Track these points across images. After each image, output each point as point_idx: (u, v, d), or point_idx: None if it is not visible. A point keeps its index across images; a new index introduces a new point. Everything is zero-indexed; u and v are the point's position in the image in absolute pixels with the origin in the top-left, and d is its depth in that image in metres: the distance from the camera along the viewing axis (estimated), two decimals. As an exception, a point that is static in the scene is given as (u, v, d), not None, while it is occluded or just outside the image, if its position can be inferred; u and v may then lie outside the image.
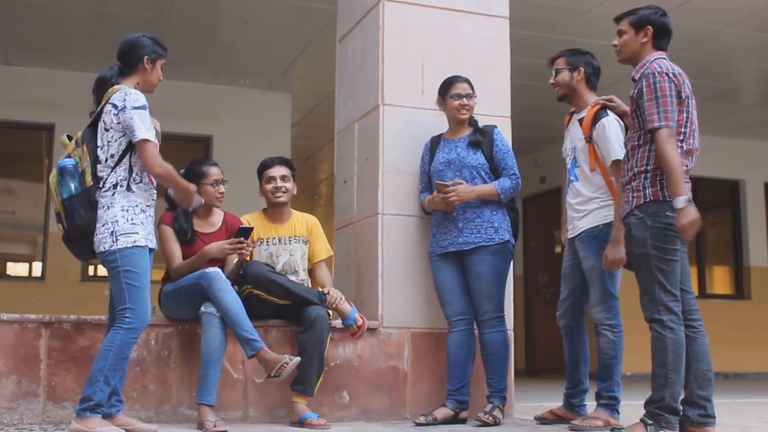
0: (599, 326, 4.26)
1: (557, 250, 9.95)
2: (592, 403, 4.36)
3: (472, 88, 4.53)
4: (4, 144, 9.05)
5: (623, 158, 3.92)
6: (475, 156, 4.47)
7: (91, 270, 8.99)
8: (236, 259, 4.36)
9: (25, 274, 9.43)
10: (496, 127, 4.58)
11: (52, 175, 3.75)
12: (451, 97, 4.52)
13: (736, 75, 8.92)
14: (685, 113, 3.72)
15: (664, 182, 3.65)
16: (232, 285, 4.18)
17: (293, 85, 9.27)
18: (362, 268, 4.90)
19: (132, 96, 3.66)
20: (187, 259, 4.35)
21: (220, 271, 4.18)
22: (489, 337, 4.40)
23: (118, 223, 3.62)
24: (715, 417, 3.79)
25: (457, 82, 4.53)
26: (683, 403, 3.74)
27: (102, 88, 3.77)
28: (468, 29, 5.03)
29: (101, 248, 3.65)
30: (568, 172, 4.45)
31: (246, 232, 4.31)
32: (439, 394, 4.55)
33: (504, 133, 4.69)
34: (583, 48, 4.56)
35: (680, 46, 6.66)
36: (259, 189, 4.68)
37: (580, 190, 4.33)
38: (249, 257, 4.46)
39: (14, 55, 8.32)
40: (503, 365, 4.44)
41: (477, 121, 4.56)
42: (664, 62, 3.75)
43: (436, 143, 4.62)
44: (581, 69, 4.42)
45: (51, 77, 8.55)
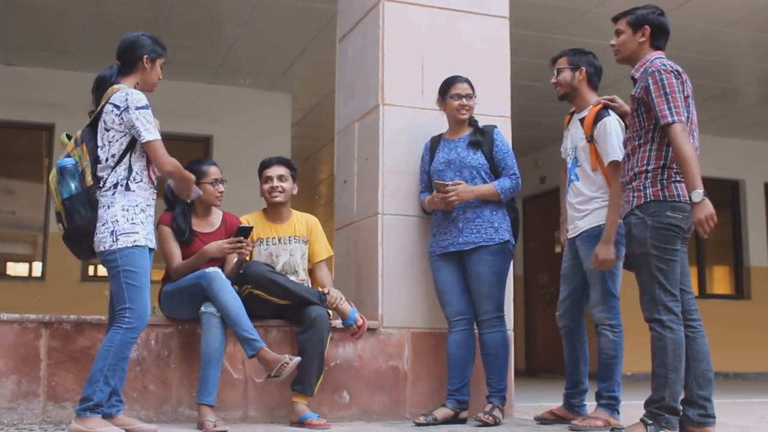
0: (600, 326, 4.26)
1: (557, 250, 9.94)
2: (592, 403, 4.36)
3: (472, 88, 4.53)
4: (4, 144, 9.05)
5: (623, 158, 3.92)
6: (475, 156, 4.47)
7: (91, 270, 8.99)
8: (236, 259, 4.36)
9: (25, 274, 9.42)
10: (496, 127, 4.58)
11: (52, 175, 3.73)
12: (451, 97, 4.52)
13: (736, 75, 8.91)
14: (687, 113, 3.73)
15: (665, 182, 3.66)
16: (232, 285, 4.18)
17: (293, 85, 9.27)
18: (362, 268, 4.90)
19: (134, 96, 3.66)
20: (187, 259, 4.36)
21: (220, 271, 4.17)
22: (489, 337, 4.40)
23: (118, 223, 3.62)
24: (715, 417, 3.79)
25: (457, 82, 4.53)
26: (683, 403, 3.74)
27: (101, 88, 3.76)
28: (468, 29, 5.03)
29: (101, 248, 3.65)
30: (568, 172, 4.45)
31: (245, 231, 4.31)
32: (439, 394, 4.55)
33: (504, 133, 4.69)
34: (584, 48, 4.56)
35: (680, 46, 6.68)
36: (260, 189, 4.68)
37: (581, 190, 4.33)
38: (249, 257, 4.47)
39: (14, 55, 8.32)
40: (503, 365, 4.44)
41: (477, 121, 4.56)
42: (666, 60, 3.76)
43: (436, 143, 4.62)
44: (583, 69, 4.42)
45: (51, 77, 8.55)
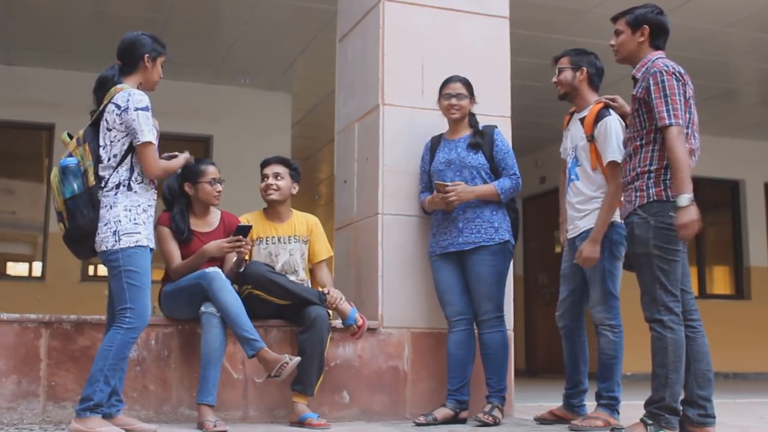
0: (599, 326, 4.26)
1: (557, 250, 9.93)
2: (592, 403, 4.36)
3: (468, 89, 4.51)
4: (4, 144, 9.05)
5: (625, 158, 3.92)
6: (476, 156, 4.46)
7: (91, 270, 8.99)
8: (235, 258, 4.36)
9: (25, 274, 9.42)
10: (497, 127, 4.58)
11: (54, 174, 3.72)
12: (443, 97, 4.52)
13: (736, 75, 8.91)
14: (689, 114, 3.73)
15: (668, 182, 3.65)
16: (232, 284, 4.18)
17: (293, 85, 9.27)
18: (362, 268, 4.90)
19: (135, 97, 3.65)
20: (186, 259, 4.36)
21: (219, 271, 4.17)
22: (488, 337, 4.40)
23: (121, 223, 3.62)
24: (715, 417, 3.79)
25: (450, 83, 4.53)
26: (683, 403, 3.74)
27: (104, 88, 3.75)
28: (468, 29, 5.03)
29: (103, 247, 3.64)
30: (568, 172, 4.45)
31: (245, 230, 4.30)
32: (439, 394, 4.55)
33: (504, 133, 4.69)
34: (587, 48, 4.56)
35: (680, 46, 6.69)
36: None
37: (581, 189, 4.33)
38: (248, 256, 4.47)
39: (14, 55, 8.32)
40: (503, 365, 4.44)
41: (478, 123, 4.56)
42: (668, 61, 3.76)
43: (436, 143, 4.62)
44: (584, 69, 4.42)
45: (51, 77, 8.55)
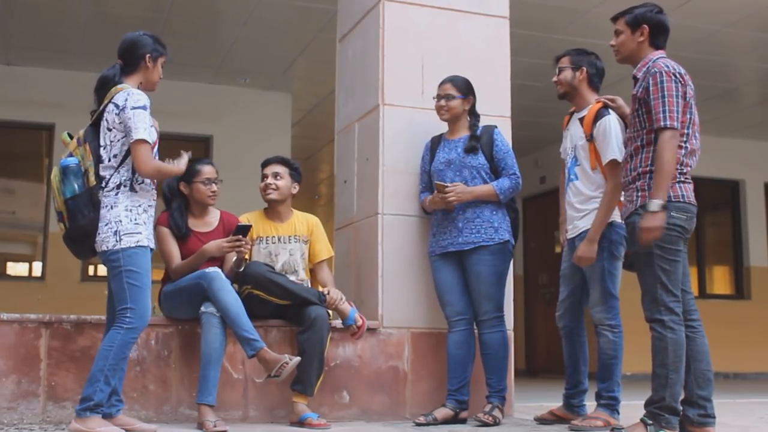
0: (599, 326, 4.26)
1: (557, 250, 9.93)
2: (592, 403, 4.36)
3: (461, 89, 4.48)
4: (4, 144, 9.05)
5: (625, 158, 3.91)
6: (476, 156, 4.46)
7: (91, 270, 8.99)
8: (235, 258, 4.36)
9: (25, 274, 9.42)
10: (497, 127, 4.57)
11: (54, 174, 3.71)
12: (435, 98, 4.52)
13: (736, 75, 8.91)
14: (689, 114, 3.73)
15: (669, 183, 3.65)
16: (231, 284, 4.18)
17: (293, 85, 9.27)
18: (362, 268, 4.90)
19: (134, 96, 3.65)
20: (186, 258, 4.36)
21: (219, 270, 4.17)
22: (488, 337, 4.40)
23: (121, 223, 3.62)
24: (715, 417, 3.79)
25: (442, 84, 4.53)
26: (683, 403, 3.74)
27: (104, 88, 3.75)
28: (468, 29, 5.03)
29: (104, 248, 3.64)
30: (567, 171, 4.45)
31: (244, 229, 4.30)
32: (439, 394, 4.55)
33: (504, 133, 4.69)
34: (588, 48, 4.56)
35: (680, 46, 6.68)
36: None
37: (581, 189, 4.33)
38: (248, 256, 4.46)
39: (14, 55, 8.32)
40: (503, 365, 4.44)
41: (477, 124, 4.53)
42: (669, 62, 3.75)
43: (436, 143, 4.62)
44: (584, 69, 4.42)
45: (51, 77, 8.54)
